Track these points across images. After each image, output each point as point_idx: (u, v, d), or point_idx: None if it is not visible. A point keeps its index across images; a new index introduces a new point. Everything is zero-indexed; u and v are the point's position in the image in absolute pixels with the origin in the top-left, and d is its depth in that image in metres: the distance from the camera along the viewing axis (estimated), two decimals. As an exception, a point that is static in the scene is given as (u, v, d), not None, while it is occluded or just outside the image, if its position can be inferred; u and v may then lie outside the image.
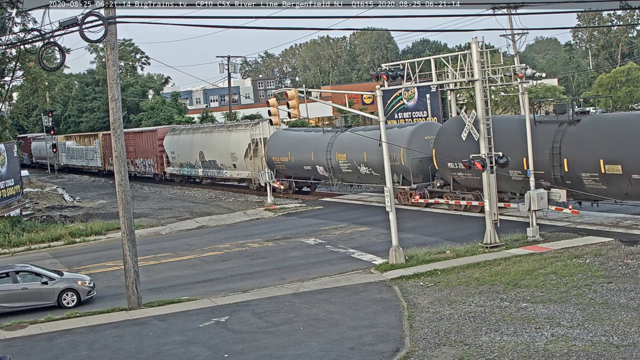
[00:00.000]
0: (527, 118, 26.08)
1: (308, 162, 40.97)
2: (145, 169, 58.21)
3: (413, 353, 15.04)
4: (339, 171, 39.16)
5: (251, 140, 45.00)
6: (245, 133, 45.65)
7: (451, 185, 32.56)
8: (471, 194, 31.62)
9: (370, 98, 67.06)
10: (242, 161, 45.84)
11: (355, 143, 37.35)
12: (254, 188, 46.49)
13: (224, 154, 47.58)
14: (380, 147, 35.00)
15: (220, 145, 47.93)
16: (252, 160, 45.01)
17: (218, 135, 48.66)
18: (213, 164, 49.23)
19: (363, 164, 37.28)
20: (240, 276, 24.23)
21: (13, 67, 42.39)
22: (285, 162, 42.84)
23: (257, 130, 44.91)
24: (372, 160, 36.20)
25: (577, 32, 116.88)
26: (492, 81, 27.41)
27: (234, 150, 46.47)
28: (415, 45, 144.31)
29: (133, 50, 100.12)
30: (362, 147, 36.87)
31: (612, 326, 15.51)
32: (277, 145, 43.39)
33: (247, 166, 45.51)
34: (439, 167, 32.82)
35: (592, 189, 26.75)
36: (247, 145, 45.22)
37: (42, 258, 29.83)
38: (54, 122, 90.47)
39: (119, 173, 20.88)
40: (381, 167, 32.21)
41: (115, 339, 17.83)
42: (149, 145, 57.56)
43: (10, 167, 38.51)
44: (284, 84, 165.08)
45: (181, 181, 56.73)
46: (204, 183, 54.69)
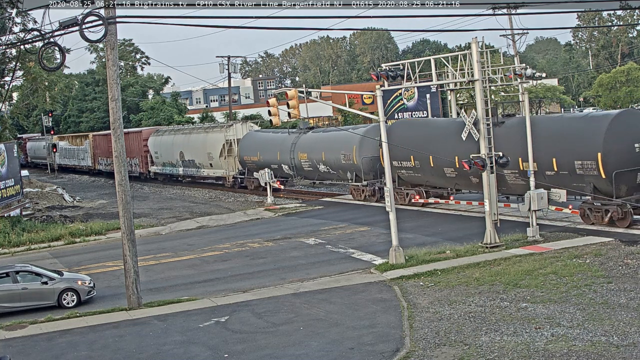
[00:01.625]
0: (527, 118, 26.09)
1: (275, 161, 43.95)
2: (132, 168, 60.06)
3: (413, 353, 15.04)
4: (301, 169, 42.41)
5: (225, 140, 48.35)
6: (220, 134, 49.06)
7: (396, 181, 34.77)
8: (414, 190, 34.79)
9: (370, 98, 67.06)
10: (217, 160, 49.14)
11: (316, 144, 40.97)
12: (228, 185, 49.64)
13: (202, 153, 50.79)
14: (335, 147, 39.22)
15: (198, 145, 51.06)
16: (227, 159, 48.62)
17: (196, 136, 51.84)
18: (192, 163, 52.36)
19: (322, 163, 40.49)
20: (240, 276, 24.23)
21: (13, 67, 42.38)
22: (255, 161, 45.87)
23: (230, 131, 48.53)
24: (329, 159, 39.69)
25: (577, 32, 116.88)
26: (492, 81, 27.42)
27: (210, 150, 49.70)
28: (415, 45, 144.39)
29: (133, 50, 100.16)
30: (321, 148, 40.39)
31: (612, 326, 15.51)
32: (248, 145, 46.78)
33: (222, 165, 48.96)
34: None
35: (514, 185, 29.28)
36: (221, 145, 48.50)
37: (42, 258, 29.82)
38: (54, 122, 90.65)
39: (119, 173, 20.88)
40: (336, 165, 39.15)
41: (115, 339, 17.83)
42: (135, 146, 59.66)
43: (10, 167, 38.51)
44: (284, 84, 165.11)
45: (164, 179, 59.28)
46: (184, 181, 57.06)
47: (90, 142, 70.34)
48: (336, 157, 38.94)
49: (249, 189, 47.19)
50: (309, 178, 42.67)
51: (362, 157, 37.09)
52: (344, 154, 38.38)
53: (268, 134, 46.69)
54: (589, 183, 26.30)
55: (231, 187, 49.15)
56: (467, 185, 32.17)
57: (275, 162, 43.94)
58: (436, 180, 33.02)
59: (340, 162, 38.92)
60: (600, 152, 25.39)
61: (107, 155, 62.86)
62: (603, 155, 25.37)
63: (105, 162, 64.98)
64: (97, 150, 68.39)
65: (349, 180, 39.37)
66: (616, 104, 70.19)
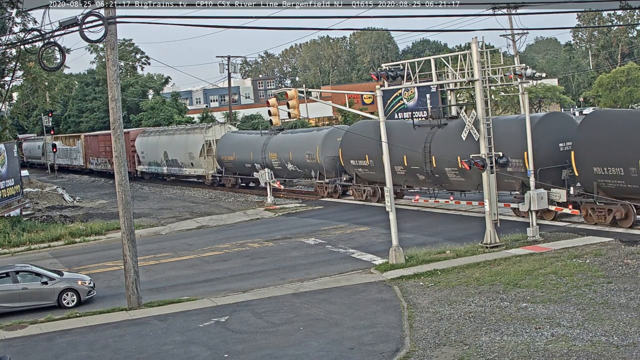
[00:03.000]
0: (527, 118, 26.09)
1: (248, 160, 47.25)
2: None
3: (413, 353, 15.04)
4: (272, 168, 44.41)
5: (205, 141, 51.54)
6: (200, 135, 52.30)
7: (354, 179, 39.11)
8: (370, 187, 38.11)
9: (370, 98, 67.05)
10: (198, 160, 52.48)
11: (284, 144, 44.17)
12: (208, 184, 52.79)
13: (184, 153, 54.05)
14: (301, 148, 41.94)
15: (180, 145, 54.22)
16: (206, 159, 51.86)
17: (179, 137, 55.03)
18: (175, 162, 55.61)
19: (290, 162, 43.47)
20: (240, 276, 24.23)
21: (13, 67, 42.38)
22: (231, 160, 49.40)
23: (209, 132, 51.77)
24: (296, 158, 42.67)
25: (577, 32, 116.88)
26: (492, 81, 27.39)
27: (191, 150, 52.97)
28: (415, 45, 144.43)
29: (133, 50, 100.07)
30: (289, 148, 43.52)
31: (612, 326, 15.50)
32: (225, 145, 50.09)
33: (202, 164, 52.34)
34: (344, 164, 39.48)
35: (454, 181, 32.47)
36: (201, 146, 51.71)
37: (42, 258, 29.82)
38: (54, 122, 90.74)
39: (119, 173, 20.88)
40: (303, 164, 42.11)
41: (115, 339, 17.83)
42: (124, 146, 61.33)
43: (10, 167, 38.50)
44: (284, 84, 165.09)
45: (150, 178, 62.19)
46: (168, 180, 59.75)
47: (82, 143, 73.37)
48: (302, 157, 42.08)
49: (227, 187, 50.42)
50: (279, 176, 44.94)
51: (324, 157, 40.21)
52: (308, 154, 41.48)
53: (243, 135, 50.11)
54: (517, 179, 28.49)
55: (210, 185, 52.41)
56: (416, 182, 35.30)
57: (249, 162, 47.01)
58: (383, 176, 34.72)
59: (306, 161, 41.90)
60: (526, 151, 26.89)
61: (97, 155, 67.38)
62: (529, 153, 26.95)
63: (96, 161, 68.40)
64: (88, 150, 71.73)
65: (314, 178, 42.51)
66: (616, 104, 70.21)
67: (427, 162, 32.84)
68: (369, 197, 38.15)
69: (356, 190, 39.07)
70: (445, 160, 31.32)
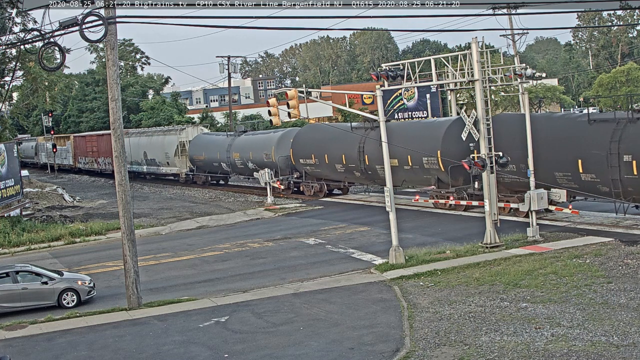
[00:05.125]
0: (527, 118, 26.09)
1: (216, 159, 51.27)
2: (106, 166, 66.52)
3: (413, 353, 15.04)
4: (235, 167, 49.29)
5: (179, 142, 55.80)
6: (175, 136, 56.66)
7: (304, 176, 43.06)
8: (317, 183, 42.21)
9: (370, 98, 67.07)
10: (173, 159, 56.75)
11: (246, 145, 47.89)
12: (182, 181, 57.01)
13: (161, 153, 58.40)
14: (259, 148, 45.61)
15: (158, 146, 58.57)
16: (180, 158, 56.11)
17: (157, 138, 59.31)
18: (153, 161, 59.81)
19: (250, 161, 46.99)
20: (240, 276, 24.23)
21: (13, 67, 42.36)
22: (201, 159, 53.46)
23: (183, 134, 56.16)
24: (255, 158, 46.37)
25: (577, 32, 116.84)
26: (492, 81, 27.40)
27: (167, 150, 57.33)
28: (415, 45, 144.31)
29: (133, 50, 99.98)
30: (249, 148, 47.26)
31: (612, 326, 15.51)
32: (196, 146, 54.25)
33: (177, 163, 56.57)
34: (295, 163, 43.01)
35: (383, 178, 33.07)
36: (176, 146, 55.98)
37: (42, 258, 29.81)
38: (54, 122, 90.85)
39: (119, 173, 20.89)
40: (261, 163, 45.29)
41: (115, 339, 17.83)
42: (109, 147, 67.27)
43: (10, 167, 38.48)
44: (284, 84, 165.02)
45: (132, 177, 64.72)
46: (147, 178, 63.72)
47: (71, 143, 77.53)
48: (260, 156, 45.74)
49: (198, 184, 55.06)
50: (242, 174, 49.99)
51: (278, 156, 43.82)
52: (265, 154, 45.19)
53: (212, 137, 54.59)
54: (434, 175, 33.33)
55: (184, 183, 56.80)
56: (354, 179, 39.91)
57: (217, 161, 51.20)
58: (330, 174, 40.76)
59: (264, 160, 45.27)
60: (439, 150, 31.83)
61: (85, 155, 72.88)
62: (441, 152, 31.84)
63: (84, 160, 73.94)
64: (77, 150, 76.23)
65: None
66: (616, 104, 70.18)
67: (362, 160, 37.36)
68: (316, 193, 42.15)
69: (306, 186, 42.95)
70: (376, 159, 34.88)
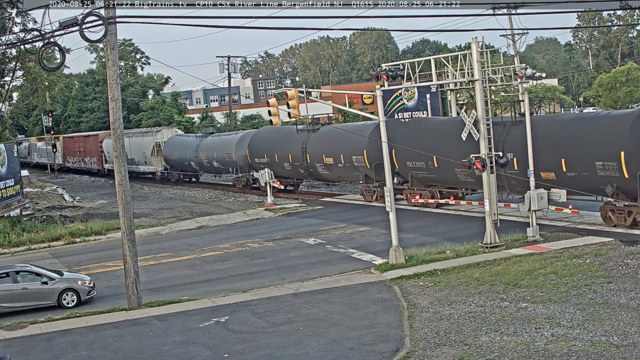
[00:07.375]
0: (527, 118, 26.09)
1: (185, 159, 55.59)
2: (92, 165, 72.26)
3: (413, 353, 15.04)
4: (203, 166, 53.71)
5: (155, 143, 59.65)
6: (151, 138, 60.62)
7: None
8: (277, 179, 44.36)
9: (370, 98, 67.02)
10: (150, 159, 60.84)
11: (211, 145, 51.88)
12: (158, 179, 60.99)
13: (139, 153, 62.47)
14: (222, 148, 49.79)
15: (137, 146, 62.34)
16: (156, 158, 60.19)
17: (135, 139, 62.86)
18: (133, 161, 63.02)
19: (215, 160, 51.25)
20: (240, 276, 24.23)
21: (13, 67, 42.36)
22: (174, 159, 57.87)
23: (159, 135, 60.11)
24: (219, 157, 50.53)
25: (577, 32, 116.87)
26: (492, 81, 27.40)
27: (145, 150, 61.32)
28: (415, 45, 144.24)
29: (133, 50, 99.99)
30: (214, 149, 51.26)
31: (612, 326, 15.50)
32: (170, 146, 58.49)
33: (153, 162, 60.77)
34: (251, 162, 46.96)
35: (323, 175, 41.97)
36: (152, 146, 59.85)
37: (42, 258, 29.82)
38: (54, 122, 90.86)
39: (119, 173, 20.88)
40: (224, 162, 50.01)
41: (115, 339, 17.83)
42: (93, 147, 71.52)
43: (10, 167, 38.49)
44: (284, 84, 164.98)
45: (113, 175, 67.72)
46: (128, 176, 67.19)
47: (61, 144, 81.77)
48: (223, 156, 49.92)
49: (171, 182, 58.94)
50: (209, 172, 54.90)
51: (238, 156, 47.93)
52: (227, 154, 49.24)
53: (183, 138, 58.60)
54: (362, 172, 37.62)
55: (160, 181, 60.68)
56: (299, 176, 44.29)
57: (187, 160, 55.29)
58: (281, 172, 43.85)
59: (226, 160, 49.59)
60: (365, 150, 36.16)
61: (73, 155, 77.75)
62: (367, 151, 36.08)
63: (72, 160, 78.47)
64: (66, 150, 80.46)
65: (232, 174, 50.34)
66: (616, 104, 70.18)
67: (304, 159, 41.51)
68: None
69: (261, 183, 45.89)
70: (316, 158, 40.42)
